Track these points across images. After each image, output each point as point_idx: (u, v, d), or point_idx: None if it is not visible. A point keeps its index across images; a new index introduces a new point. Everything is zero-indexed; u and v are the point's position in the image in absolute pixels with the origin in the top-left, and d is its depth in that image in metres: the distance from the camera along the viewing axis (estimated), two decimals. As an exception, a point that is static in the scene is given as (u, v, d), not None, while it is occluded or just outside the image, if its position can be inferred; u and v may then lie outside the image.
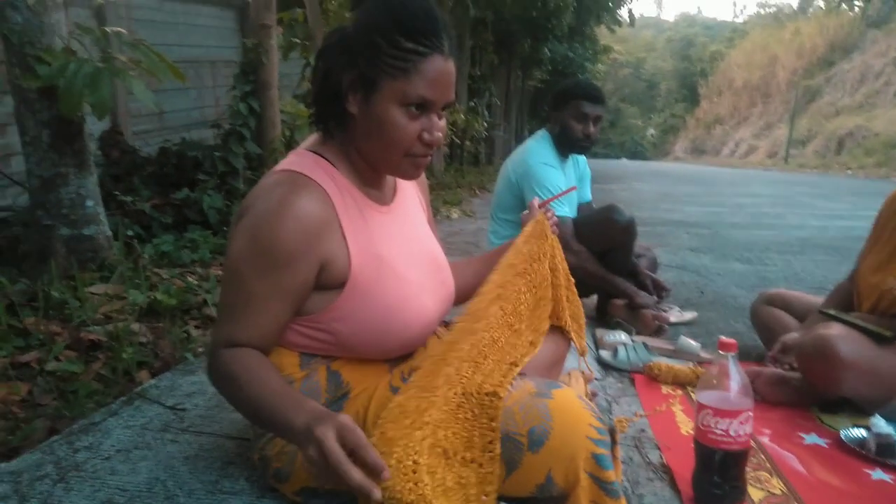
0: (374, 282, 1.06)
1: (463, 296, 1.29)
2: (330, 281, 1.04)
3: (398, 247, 1.13)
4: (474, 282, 1.26)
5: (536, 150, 2.66)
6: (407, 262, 1.14)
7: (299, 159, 1.07)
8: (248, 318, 1.01)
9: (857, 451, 1.51)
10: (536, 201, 1.47)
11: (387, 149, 1.04)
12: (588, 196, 2.98)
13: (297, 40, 5.81)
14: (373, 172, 1.13)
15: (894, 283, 1.76)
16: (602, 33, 19.98)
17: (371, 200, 1.12)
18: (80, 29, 2.60)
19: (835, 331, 1.64)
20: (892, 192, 1.93)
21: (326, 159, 1.08)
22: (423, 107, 1.01)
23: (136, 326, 2.04)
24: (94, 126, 4.24)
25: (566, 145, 2.66)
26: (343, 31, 1.04)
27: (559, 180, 2.59)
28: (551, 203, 2.48)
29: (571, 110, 2.57)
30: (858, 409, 1.71)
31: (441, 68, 1.00)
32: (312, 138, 1.15)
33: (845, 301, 1.93)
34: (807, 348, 1.67)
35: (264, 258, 0.98)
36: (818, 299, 2.07)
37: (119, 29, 2.91)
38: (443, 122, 1.06)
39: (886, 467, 1.45)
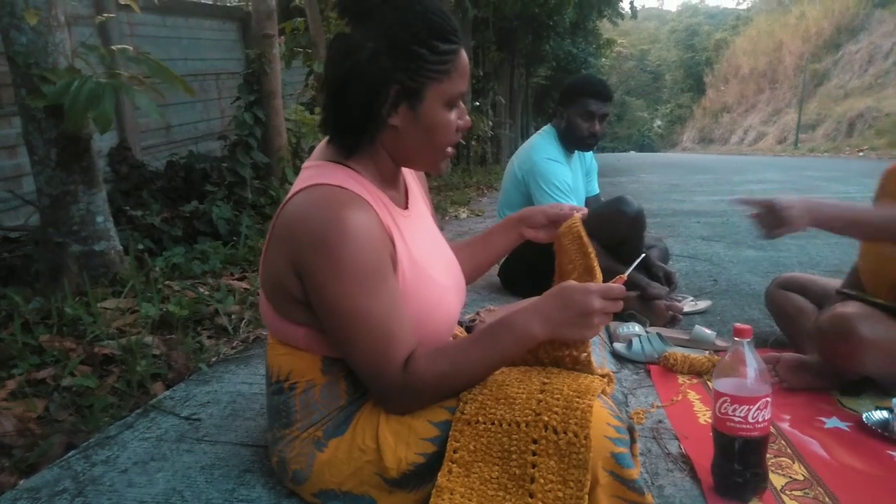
0: (412, 285, 1.07)
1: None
2: None
3: (424, 249, 1.14)
4: (467, 268, 1.32)
5: (542, 145, 2.65)
6: (433, 263, 1.15)
7: (327, 172, 1.05)
8: (394, 335, 1.00)
9: (879, 433, 1.48)
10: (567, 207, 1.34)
11: (433, 148, 1.08)
12: (595, 189, 2.97)
13: (300, 49, 5.84)
14: (393, 178, 1.14)
15: None
16: (605, 27, 19.89)
17: (395, 206, 1.12)
18: (85, 47, 2.62)
19: (853, 309, 1.61)
20: (891, 166, 1.89)
21: (352, 169, 1.07)
22: (458, 99, 1.06)
23: (149, 339, 2.05)
24: (103, 143, 4.30)
25: (571, 142, 2.64)
26: (354, 50, 1.01)
27: (565, 176, 2.58)
28: (556, 198, 2.48)
29: (578, 108, 2.55)
30: (880, 391, 1.68)
31: (466, 59, 1.06)
32: (322, 148, 1.14)
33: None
34: (825, 328, 1.63)
35: (367, 281, 0.97)
36: (834, 282, 2.04)
37: (125, 46, 2.94)
38: None
39: (911, 449, 1.43)
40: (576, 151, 2.74)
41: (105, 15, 3.46)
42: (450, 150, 1.11)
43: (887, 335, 1.56)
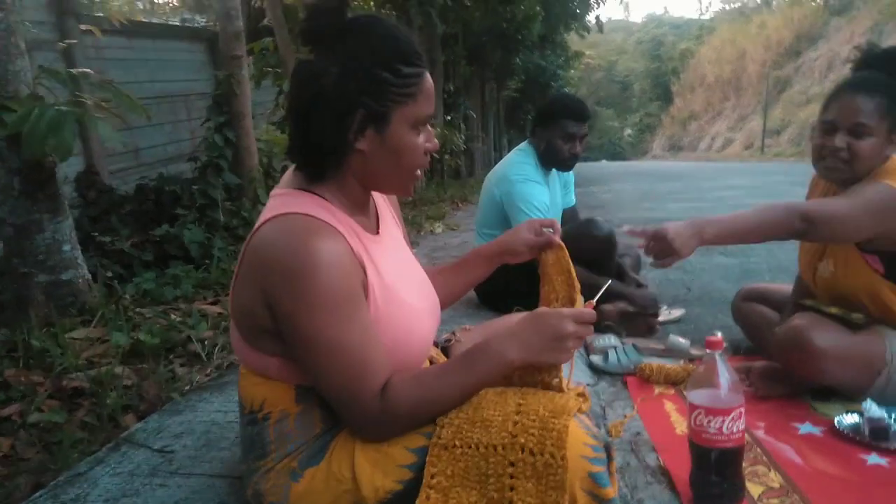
0: (385, 311, 1.06)
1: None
2: None
3: (396, 273, 1.13)
4: (442, 293, 1.31)
5: (519, 165, 2.65)
6: (406, 288, 1.14)
7: (295, 200, 1.04)
8: (369, 363, 0.99)
9: (851, 437, 1.51)
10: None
11: (401, 172, 1.08)
12: (572, 201, 2.99)
13: (269, 68, 5.83)
14: (363, 203, 1.14)
15: (825, 269, 1.78)
16: (573, 40, 20.19)
17: (365, 231, 1.11)
18: (46, 73, 2.58)
19: (807, 320, 1.65)
20: (813, 176, 1.96)
21: (320, 196, 1.06)
22: (425, 122, 1.07)
23: (119, 369, 2.00)
24: (70, 168, 4.23)
25: (551, 163, 2.66)
26: (318, 76, 1.00)
27: (543, 195, 2.58)
28: (535, 213, 2.49)
29: (558, 130, 2.56)
30: (851, 395, 1.71)
31: (431, 82, 1.06)
32: (290, 175, 1.12)
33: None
34: (782, 340, 1.67)
35: (339, 310, 0.96)
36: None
37: (85, 70, 2.90)
38: None
39: (881, 451, 1.45)
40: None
41: (67, 41, 3.41)
42: (418, 172, 1.11)
43: (839, 344, 1.60)
